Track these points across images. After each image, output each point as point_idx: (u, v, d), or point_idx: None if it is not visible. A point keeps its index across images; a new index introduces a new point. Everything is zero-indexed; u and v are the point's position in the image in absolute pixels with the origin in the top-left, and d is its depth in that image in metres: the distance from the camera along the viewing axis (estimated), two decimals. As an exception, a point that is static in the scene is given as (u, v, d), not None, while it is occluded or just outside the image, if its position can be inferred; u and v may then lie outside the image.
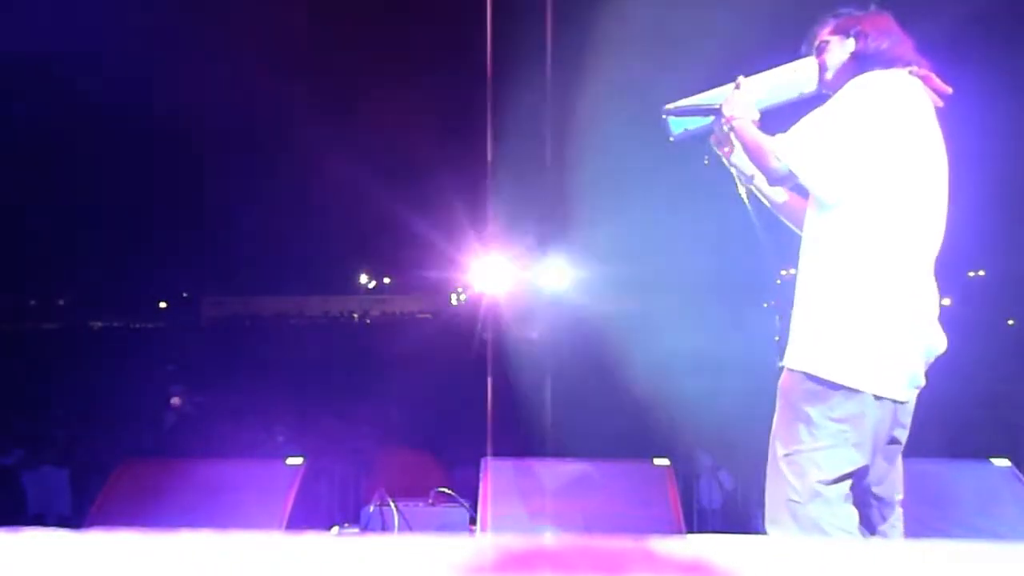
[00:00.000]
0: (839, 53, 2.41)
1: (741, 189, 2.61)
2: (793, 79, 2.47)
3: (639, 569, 0.97)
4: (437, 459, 6.56)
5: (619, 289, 8.48)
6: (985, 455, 3.92)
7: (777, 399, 2.32)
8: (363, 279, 30.67)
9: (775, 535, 2.24)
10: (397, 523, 4.02)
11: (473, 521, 3.97)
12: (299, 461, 3.85)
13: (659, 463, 3.99)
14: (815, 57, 2.45)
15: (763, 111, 2.45)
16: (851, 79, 2.31)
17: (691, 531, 4.12)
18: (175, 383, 9.15)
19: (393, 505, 4.04)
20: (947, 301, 2.43)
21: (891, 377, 2.22)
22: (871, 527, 2.34)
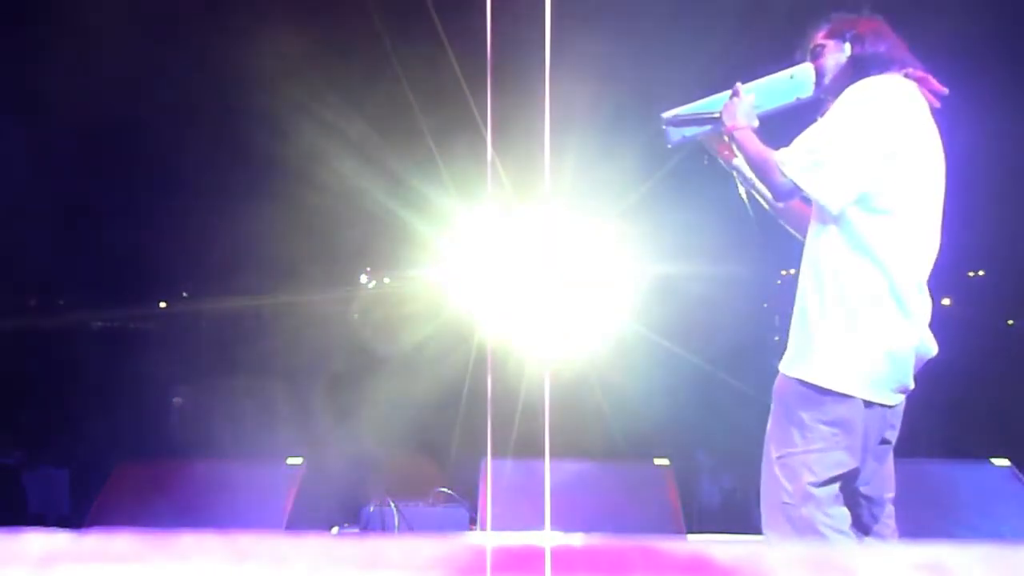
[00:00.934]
0: (836, 57, 2.41)
1: (741, 190, 2.62)
2: (790, 84, 2.47)
3: (639, 569, 0.97)
4: (437, 459, 6.56)
5: (619, 289, 8.50)
6: (985, 455, 3.92)
7: (772, 403, 2.35)
8: (363, 279, 30.72)
9: (771, 537, 2.25)
10: (397, 523, 4.02)
11: (473, 521, 3.98)
12: (299, 461, 3.85)
13: (659, 463, 4.00)
14: (811, 62, 2.46)
15: (761, 117, 2.45)
16: (849, 82, 2.31)
17: (691, 531, 4.12)
18: (175, 383, 9.14)
19: (393, 505, 4.04)
20: (947, 301, 2.45)
21: (881, 383, 2.26)
22: (863, 526, 2.37)
